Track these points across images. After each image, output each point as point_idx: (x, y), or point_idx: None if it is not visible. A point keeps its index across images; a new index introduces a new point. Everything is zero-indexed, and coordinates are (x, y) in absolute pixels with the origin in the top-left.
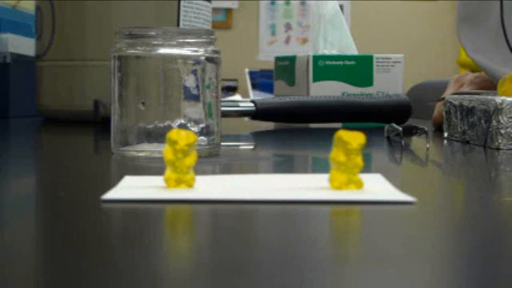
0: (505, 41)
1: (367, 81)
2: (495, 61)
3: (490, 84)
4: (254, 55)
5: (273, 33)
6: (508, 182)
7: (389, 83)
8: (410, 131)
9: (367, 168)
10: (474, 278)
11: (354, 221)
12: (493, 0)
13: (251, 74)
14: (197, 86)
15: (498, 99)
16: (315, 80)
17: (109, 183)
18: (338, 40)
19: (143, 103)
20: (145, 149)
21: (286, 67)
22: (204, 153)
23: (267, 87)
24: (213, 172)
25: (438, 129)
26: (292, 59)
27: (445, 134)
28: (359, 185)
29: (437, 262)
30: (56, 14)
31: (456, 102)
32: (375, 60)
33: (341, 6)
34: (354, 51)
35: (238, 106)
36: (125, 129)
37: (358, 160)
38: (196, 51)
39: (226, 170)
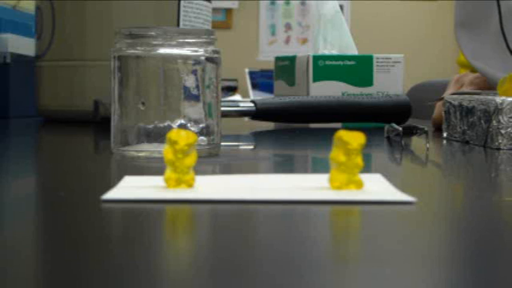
0: (506, 46)
1: (367, 81)
2: (495, 67)
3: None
4: (254, 55)
5: (273, 33)
6: (508, 182)
7: (389, 83)
8: (410, 131)
9: (367, 168)
10: (474, 278)
11: (354, 221)
12: (490, 0)
13: (251, 74)
14: (197, 86)
15: (498, 99)
16: (315, 80)
17: (109, 183)
18: (338, 40)
19: (143, 103)
20: (145, 149)
21: (286, 67)
22: (204, 153)
23: (267, 87)
24: (213, 172)
25: (438, 129)
26: (292, 59)
27: (445, 134)
28: (359, 185)
29: (437, 262)
30: (56, 14)
31: (456, 102)
32: (374, 60)
33: (341, 6)
34: (354, 51)
35: (238, 106)
36: (125, 129)
37: (358, 160)
38: (196, 51)
39: (226, 170)
